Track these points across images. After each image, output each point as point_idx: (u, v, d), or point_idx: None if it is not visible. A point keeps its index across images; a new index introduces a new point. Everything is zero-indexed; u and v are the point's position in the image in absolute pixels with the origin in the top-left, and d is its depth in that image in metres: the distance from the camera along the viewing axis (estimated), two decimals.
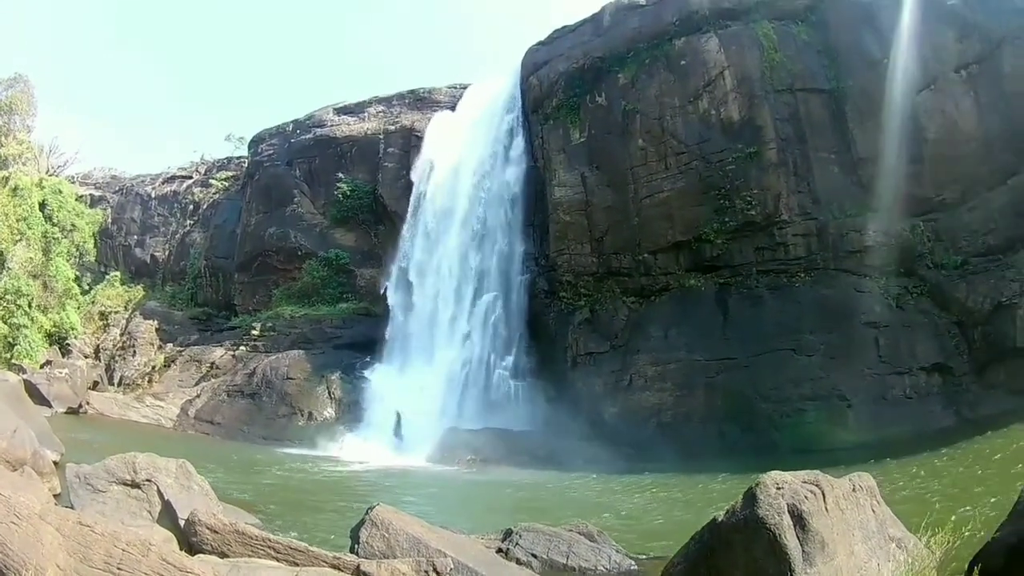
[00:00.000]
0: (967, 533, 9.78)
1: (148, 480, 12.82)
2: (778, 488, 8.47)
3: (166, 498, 12.38)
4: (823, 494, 8.74)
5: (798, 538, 8.18)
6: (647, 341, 32.87)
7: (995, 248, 30.48)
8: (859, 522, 9.17)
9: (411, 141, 42.87)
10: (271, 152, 48.66)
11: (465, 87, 44.82)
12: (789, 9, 34.65)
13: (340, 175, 45.12)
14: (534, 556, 12.33)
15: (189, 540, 9.60)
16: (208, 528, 9.51)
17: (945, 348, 29.30)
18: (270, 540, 9.36)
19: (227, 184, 54.91)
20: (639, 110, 34.96)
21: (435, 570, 9.03)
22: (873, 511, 9.63)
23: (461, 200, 38.61)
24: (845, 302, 30.51)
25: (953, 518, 10.07)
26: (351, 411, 35.93)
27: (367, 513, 11.10)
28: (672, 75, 34.80)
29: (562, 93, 36.99)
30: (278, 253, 46.23)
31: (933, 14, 32.42)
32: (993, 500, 15.10)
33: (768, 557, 8.13)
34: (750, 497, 8.48)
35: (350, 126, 46.43)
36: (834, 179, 32.73)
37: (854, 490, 9.50)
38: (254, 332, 43.42)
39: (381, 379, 37.33)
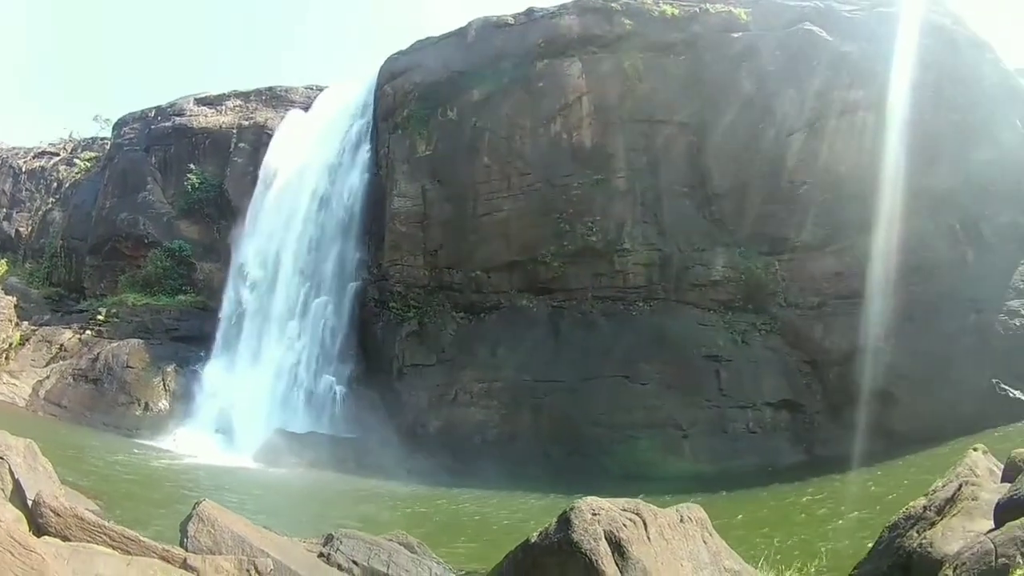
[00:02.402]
0: (813, 570, 9.99)
1: (1, 458, 11.82)
2: (594, 514, 8.19)
3: (16, 477, 11.43)
4: (644, 523, 8.51)
5: (617, 565, 7.89)
6: (474, 357, 31.29)
7: (860, 292, 29.96)
8: (688, 553, 8.93)
9: (262, 138, 40.50)
10: (132, 136, 45.86)
11: (322, 89, 42.95)
12: (663, 42, 33.49)
13: (192, 166, 42.51)
14: (355, 563, 11.76)
15: (36, 521, 9.29)
16: (52, 511, 9.25)
17: (795, 386, 28.71)
18: (106, 528, 9.12)
19: (90, 165, 51.71)
20: (489, 128, 33.27)
21: (256, 569, 8.99)
22: (705, 542, 9.37)
23: (303, 202, 36.29)
24: (685, 334, 29.58)
25: (796, 553, 10.51)
26: (184, 404, 34.27)
27: (194, 508, 10.64)
28: (528, 96, 33.26)
29: (414, 104, 35.01)
30: (127, 239, 43.33)
31: (825, 59, 32.00)
32: (841, 540, 15.15)
33: None
34: (564, 521, 8.16)
35: (207, 117, 43.91)
36: (684, 212, 31.72)
37: (682, 520, 9.25)
38: (100, 317, 40.75)
39: (212, 375, 35.54)
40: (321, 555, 11.87)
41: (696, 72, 32.92)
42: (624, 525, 8.18)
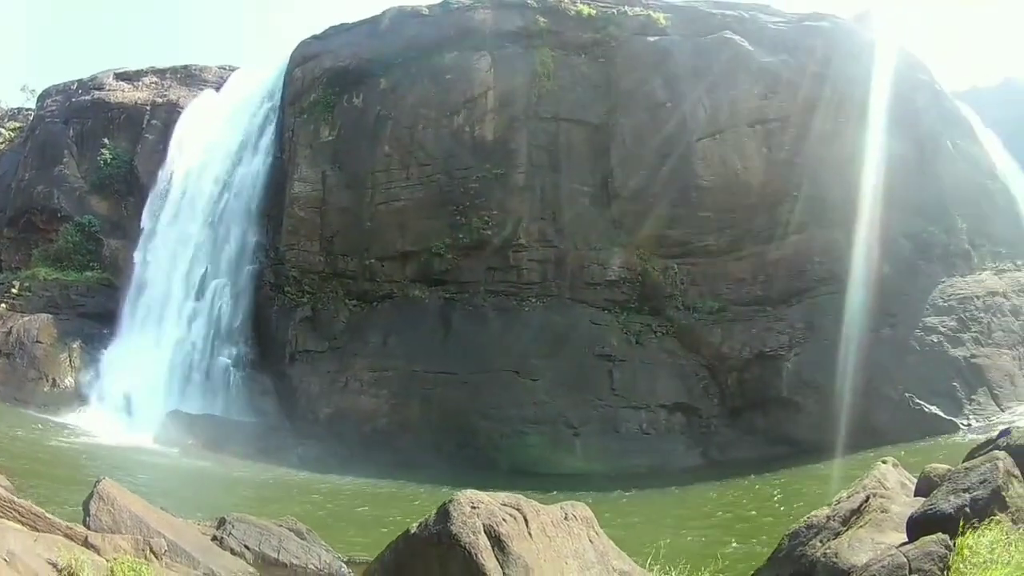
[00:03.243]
0: (707, 573, 9.62)
1: None
2: (473, 507, 8.10)
3: None
4: (526, 519, 8.42)
5: (498, 560, 7.79)
6: (366, 346, 30.73)
7: (764, 299, 30.17)
8: (573, 551, 8.81)
9: (174, 116, 39.44)
10: (54, 108, 44.62)
11: (235, 70, 42.16)
12: (576, 41, 33.10)
13: (106, 140, 41.44)
14: (247, 548, 11.87)
15: None
16: None
17: (691, 389, 28.52)
18: (15, 503, 9.27)
19: (14, 135, 50.48)
20: (393, 117, 32.55)
21: (151, 550, 9.16)
22: (591, 541, 9.24)
23: (207, 183, 35.46)
24: (578, 332, 29.24)
25: (689, 556, 10.10)
26: (89, 382, 33.40)
27: (95, 487, 10.88)
28: (435, 87, 32.53)
29: (322, 90, 34.11)
30: (42, 212, 42.19)
31: (742, 68, 31.69)
32: (737, 545, 15.08)
33: (468, 572, 7.72)
34: (443, 513, 8.07)
35: (124, 93, 42.79)
36: (583, 211, 31.32)
37: (566, 518, 9.12)
38: (14, 291, 39.56)
39: (115, 353, 34.56)
40: (214, 538, 12.02)
41: (608, 74, 32.51)
42: (503, 520, 8.10)
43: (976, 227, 34.30)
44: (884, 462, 11.09)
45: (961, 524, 7.39)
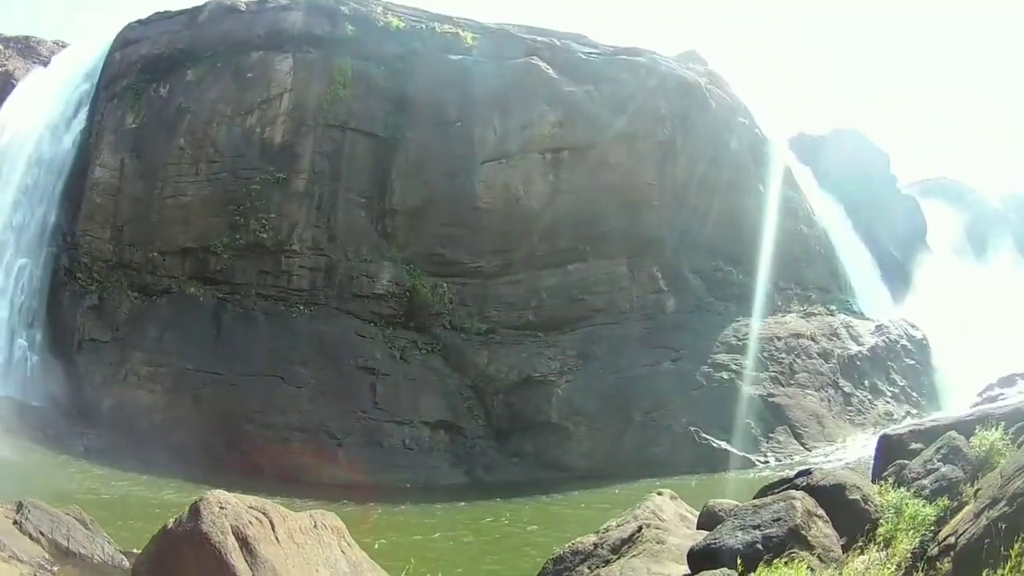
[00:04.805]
0: None
1: None
2: (221, 508, 8.07)
3: None
4: (272, 524, 8.42)
5: (247, 563, 7.81)
6: (144, 339, 30.07)
7: (536, 325, 30.16)
8: (325, 560, 8.85)
9: (8, 88, 39.23)
10: None
11: (66, 46, 41.51)
12: (378, 52, 32.81)
13: None
14: (42, 534, 11.52)
15: None
16: None
17: (455, 408, 28.46)
18: None
19: None
20: (192, 111, 32.01)
21: None
22: (343, 552, 9.28)
23: (20, 160, 34.81)
24: (343, 343, 29.11)
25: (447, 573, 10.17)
26: None
27: None
28: (235, 85, 32.13)
29: (135, 76, 33.53)
30: None
31: (543, 95, 31.68)
32: (498, 565, 15.36)
33: (218, 573, 7.76)
34: (194, 511, 8.15)
35: None
36: (358, 222, 31.18)
37: (315, 527, 9.15)
38: None
39: None
40: (15, 522, 11.77)
41: (404, 88, 32.29)
42: (249, 523, 8.10)
43: (784, 270, 34.48)
44: (660, 493, 11.18)
45: (753, 561, 7.47)
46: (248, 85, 32.04)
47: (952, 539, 7.63)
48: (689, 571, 8.20)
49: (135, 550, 12.38)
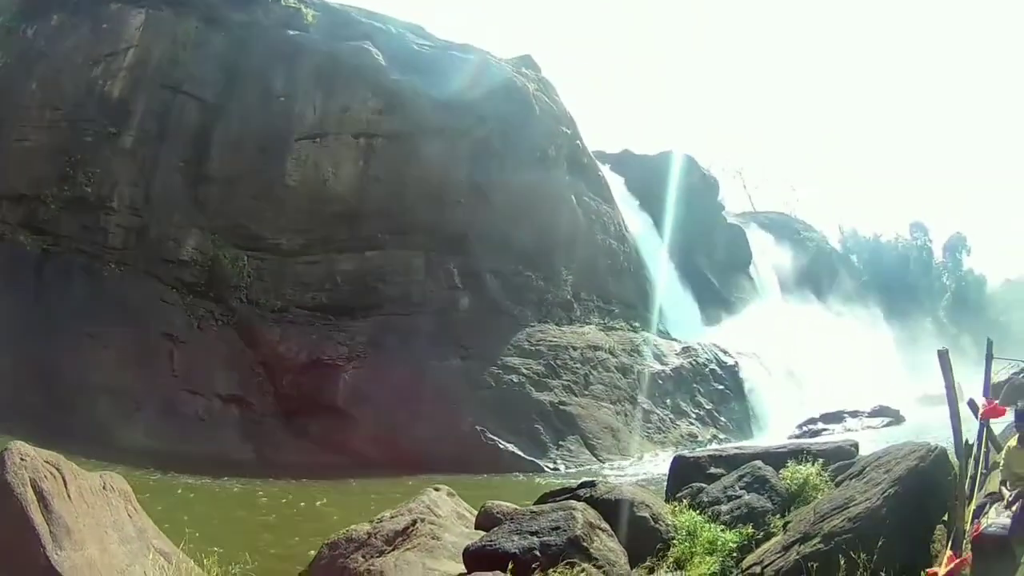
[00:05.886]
0: (237, 570, 9.35)
1: None
2: (22, 459, 7.94)
3: None
4: (64, 480, 8.26)
5: (43, 516, 7.72)
6: None
7: (329, 308, 30.11)
8: (113, 522, 8.65)
9: None
10: None
11: None
12: (224, 19, 33.10)
13: None
14: None
15: None
16: None
17: (246, 383, 28.18)
18: None
19: None
20: (49, 56, 32.31)
21: None
22: (130, 516, 9.09)
23: None
24: (148, 307, 28.81)
25: (224, 546, 9.82)
26: None
27: None
28: (91, 35, 32.42)
29: (10, 14, 33.23)
30: None
31: (366, 79, 31.64)
32: (273, 544, 15.07)
33: (19, 524, 7.62)
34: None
35: None
36: (175, 186, 31.16)
37: (104, 488, 8.94)
38: None
39: None
40: None
41: (238, 57, 32.37)
42: (45, 477, 8.01)
43: (588, 282, 34.01)
44: (437, 489, 11.31)
45: (529, 566, 7.78)
46: (102, 36, 32.30)
47: (757, 568, 7.84)
48: (465, 570, 8.27)
49: None
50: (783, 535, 8.25)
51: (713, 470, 10.72)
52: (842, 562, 7.07)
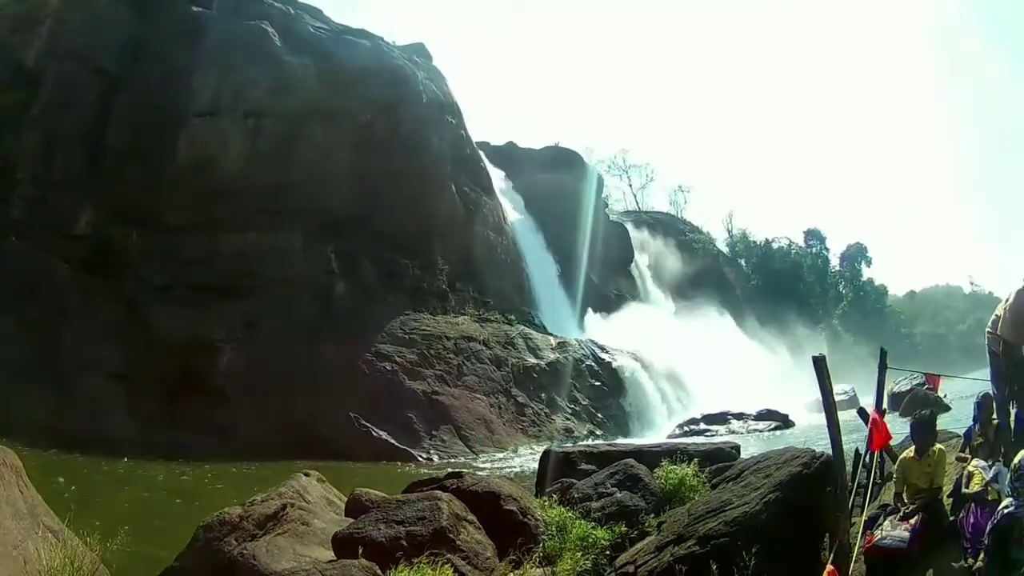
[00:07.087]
0: (116, 545, 8.94)
1: None
2: None
3: None
4: None
5: None
6: None
7: (210, 287, 29.68)
8: (6, 498, 8.45)
9: None
10: None
11: None
12: None
13: None
14: None
15: None
16: None
17: (131, 361, 27.54)
18: None
19: None
20: None
21: None
22: (22, 492, 8.88)
23: None
24: (43, 281, 28.32)
25: (100, 524, 9.35)
26: None
27: None
28: (16, 4, 32.65)
29: None
30: None
31: (260, 58, 32.02)
32: (153, 523, 14.79)
33: None
34: None
35: None
36: (74, 159, 31.09)
37: (1, 463, 8.74)
38: None
39: None
40: None
41: (145, 30, 32.63)
42: None
43: (464, 272, 34.40)
44: (307, 474, 11.13)
45: (395, 555, 7.72)
46: (27, 7, 32.49)
47: (631, 568, 7.84)
48: (334, 556, 8.17)
49: None
50: (657, 535, 8.25)
51: (585, 466, 10.73)
52: (714, 567, 7.03)
